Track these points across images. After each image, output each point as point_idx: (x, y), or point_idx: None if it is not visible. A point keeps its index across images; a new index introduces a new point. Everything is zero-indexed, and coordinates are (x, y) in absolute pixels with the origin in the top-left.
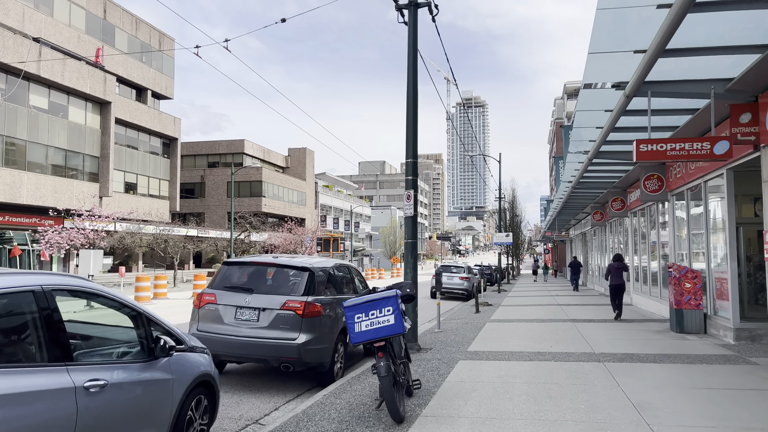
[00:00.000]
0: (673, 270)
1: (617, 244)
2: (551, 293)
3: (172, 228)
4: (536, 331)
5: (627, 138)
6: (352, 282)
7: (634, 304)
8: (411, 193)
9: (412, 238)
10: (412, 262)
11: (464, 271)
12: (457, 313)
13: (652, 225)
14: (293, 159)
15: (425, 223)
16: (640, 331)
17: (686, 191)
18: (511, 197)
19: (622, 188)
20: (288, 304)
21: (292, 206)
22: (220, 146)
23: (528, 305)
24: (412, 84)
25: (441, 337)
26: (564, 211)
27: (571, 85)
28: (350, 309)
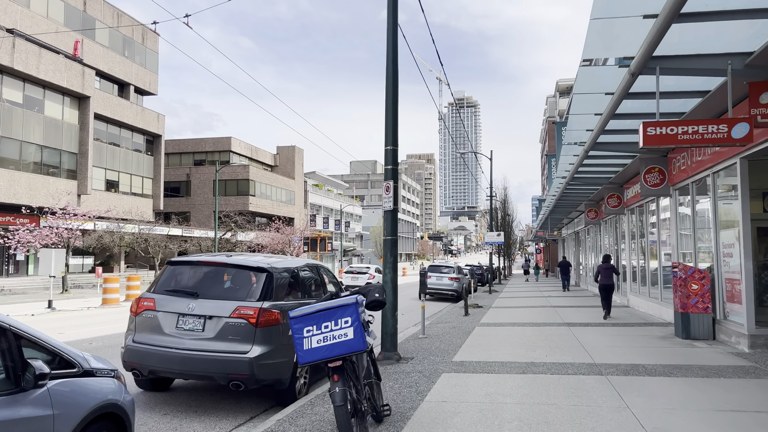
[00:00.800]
0: (679, 270)
1: (612, 243)
2: (543, 294)
3: (153, 227)
4: (529, 336)
5: (628, 126)
6: (322, 285)
7: (631, 306)
8: (390, 184)
9: (392, 234)
10: (391, 262)
11: (454, 272)
12: (445, 315)
13: (651, 222)
14: (282, 157)
15: (417, 223)
16: (642, 336)
17: (691, 185)
18: (503, 196)
19: (618, 184)
20: (239, 311)
21: (280, 205)
22: (207, 144)
23: (520, 307)
24: (392, 62)
25: (425, 344)
26: (557, 209)
27: (563, 82)
28: (298, 320)
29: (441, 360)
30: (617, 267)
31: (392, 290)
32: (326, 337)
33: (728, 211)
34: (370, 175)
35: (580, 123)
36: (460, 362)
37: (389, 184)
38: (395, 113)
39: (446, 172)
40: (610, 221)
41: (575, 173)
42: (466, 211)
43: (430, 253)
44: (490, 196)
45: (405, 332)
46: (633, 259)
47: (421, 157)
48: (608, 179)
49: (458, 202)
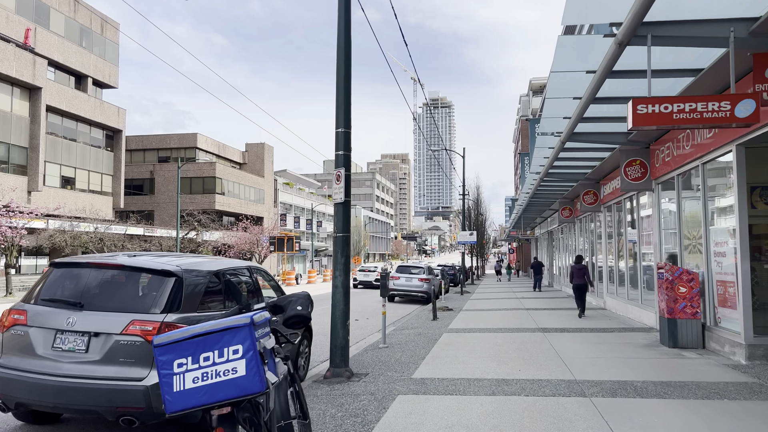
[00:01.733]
0: (665, 271)
1: (588, 242)
2: (516, 295)
3: (110, 226)
4: (501, 345)
5: (610, 113)
6: (256, 291)
7: (608, 308)
8: (342, 172)
9: (344, 230)
10: (342, 263)
11: (424, 272)
12: (413, 320)
13: (630, 220)
14: (251, 155)
15: (391, 223)
16: (625, 345)
17: (676, 177)
18: (476, 195)
19: (595, 180)
20: (134, 327)
21: (248, 204)
22: (172, 140)
23: (492, 309)
24: (344, 28)
25: (384, 356)
26: (530, 207)
27: (537, 81)
28: (165, 349)
29: (399, 377)
30: (591, 267)
31: (343, 296)
32: (206, 374)
33: (721, 205)
34: None
35: (557, 108)
36: (420, 380)
37: (340, 172)
38: (347, 89)
39: (421, 172)
40: (585, 219)
41: (550, 168)
42: (441, 211)
43: (404, 253)
44: (462, 195)
45: (366, 340)
46: (610, 259)
47: (395, 157)
48: (584, 175)
49: (433, 203)
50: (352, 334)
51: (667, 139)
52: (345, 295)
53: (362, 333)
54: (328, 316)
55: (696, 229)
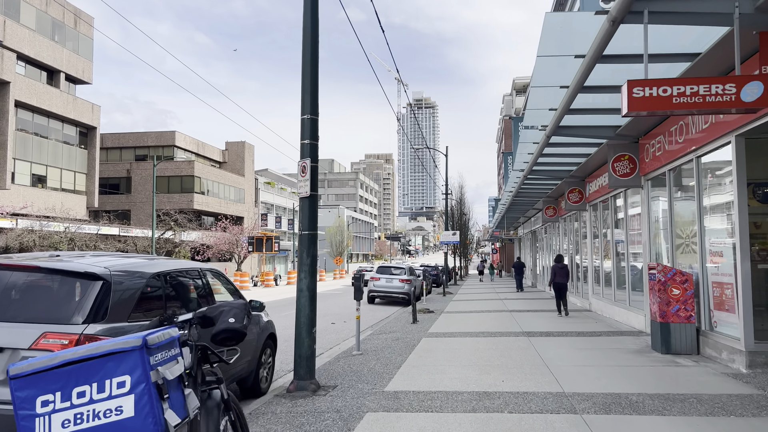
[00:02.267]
0: (657, 272)
1: (572, 242)
2: (499, 296)
3: (82, 225)
4: (483, 351)
5: (598, 104)
6: (208, 297)
7: (594, 310)
8: (307, 163)
9: (310, 228)
10: (308, 264)
11: (405, 273)
12: (392, 323)
13: (618, 219)
14: (231, 153)
15: (375, 223)
16: (615, 350)
17: (668, 173)
18: (459, 195)
19: (580, 178)
20: (45, 340)
21: (228, 203)
22: (149, 138)
23: (474, 312)
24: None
25: (357, 364)
26: (513, 207)
27: (520, 80)
28: (25, 382)
29: (370, 390)
30: (575, 267)
31: (309, 301)
32: (81, 416)
33: (718, 202)
34: (327, 174)
35: (543, 99)
36: (393, 393)
37: (306, 163)
38: (314, 69)
39: (405, 172)
40: (569, 219)
41: (534, 165)
42: (425, 211)
43: (387, 253)
44: (445, 194)
45: (340, 345)
46: (596, 260)
47: (379, 157)
48: (569, 172)
49: (417, 203)
50: (327, 339)
51: (658, 133)
52: (311, 299)
53: (337, 337)
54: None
55: (689, 227)
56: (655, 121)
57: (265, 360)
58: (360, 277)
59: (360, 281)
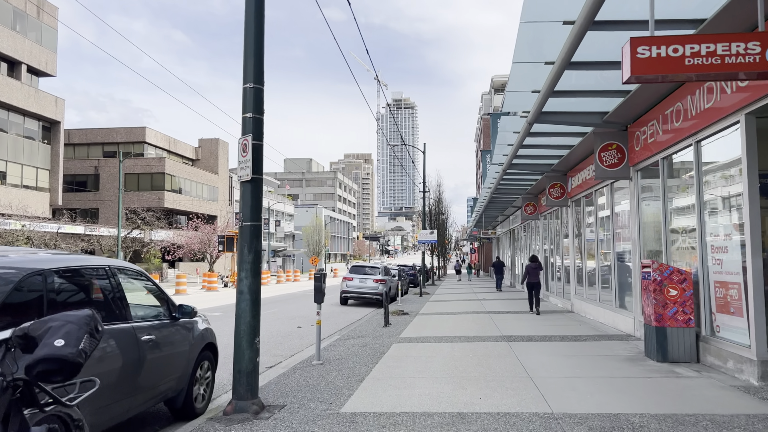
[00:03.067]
0: (653, 270)
1: (553, 240)
2: (477, 296)
3: (42, 223)
4: (459, 360)
5: (584, 86)
6: (119, 302)
7: (576, 311)
8: (249, 140)
9: (252, 218)
10: (250, 261)
11: (379, 273)
12: (362, 326)
13: (602, 214)
14: (204, 151)
15: (353, 223)
16: (605, 358)
17: (661, 162)
18: (437, 193)
19: (562, 172)
20: None
21: (201, 202)
22: (118, 134)
23: (451, 313)
24: None
25: (314, 377)
26: (492, 204)
27: (498, 79)
28: None
29: (324, 411)
30: (556, 267)
31: (251, 305)
32: None
33: (722, 193)
34: (305, 174)
35: (525, 78)
36: (350, 416)
37: (247, 140)
38: (259, 29)
39: (384, 173)
40: (550, 216)
41: (514, 157)
42: (404, 212)
43: (366, 253)
44: (423, 191)
45: (302, 353)
46: (578, 259)
47: (358, 157)
48: (550, 166)
49: (396, 203)
50: (290, 345)
51: (650, 119)
52: (253, 303)
53: (301, 343)
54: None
55: (686, 221)
56: (647, 104)
57: (201, 375)
58: (321, 277)
59: (321, 282)
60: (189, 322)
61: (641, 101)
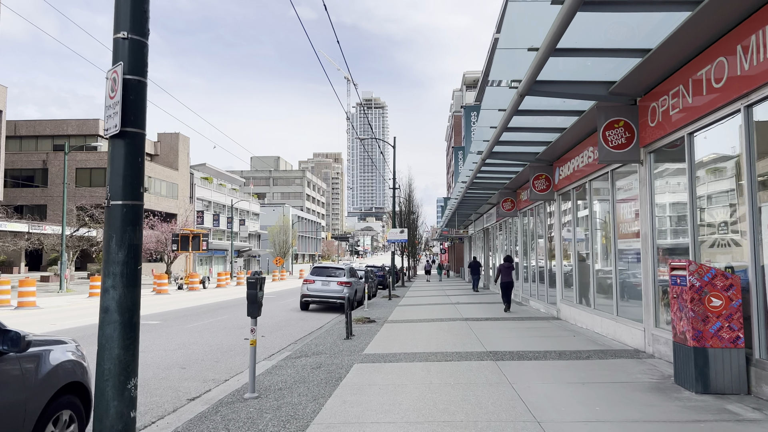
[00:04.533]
0: (689, 273)
1: (533, 238)
2: (451, 299)
3: None
4: (437, 391)
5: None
6: None
7: (564, 319)
8: (119, 73)
9: (128, 196)
10: (121, 262)
11: (344, 274)
12: (320, 339)
13: (597, 208)
14: (164, 146)
15: (322, 223)
16: (624, 386)
17: (687, 138)
18: (408, 191)
19: (547, 162)
20: None
21: (159, 199)
22: (69, 126)
23: (424, 321)
24: None
25: (239, 422)
26: (466, 201)
27: (471, 75)
28: None
29: None
30: (532, 268)
31: (122, 330)
32: None
33: None
34: (272, 172)
35: (522, 29)
36: None
37: (117, 72)
38: None
39: (354, 173)
40: (532, 211)
41: (496, 142)
42: (374, 212)
43: (335, 253)
44: (393, 188)
45: (237, 378)
46: (565, 259)
47: (328, 156)
48: (535, 155)
49: (366, 203)
50: (230, 364)
51: (672, 86)
52: (126, 327)
53: (243, 362)
54: (212, 334)
55: (726, 210)
56: (671, 65)
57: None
58: (256, 282)
59: (257, 289)
60: (30, 356)
61: (664, 61)
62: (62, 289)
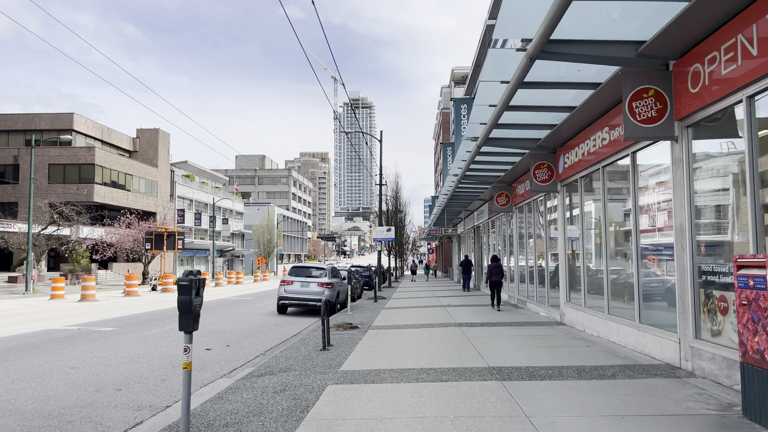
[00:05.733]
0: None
1: (531, 235)
2: (440, 300)
3: None
4: (429, 423)
5: None
6: None
7: (570, 324)
8: None
9: None
10: None
11: (325, 275)
12: (292, 349)
13: (614, 197)
14: (143, 142)
15: (309, 223)
16: (678, 422)
17: (747, 102)
18: (395, 188)
19: (550, 149)
20: None
21: (138, 197)
22: (42, 120)
23: (412, 327)
24: None
25: None
26: (457, 196)
27: (459, 71)
28: None
29: None
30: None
31: None
32: None
33: None
34: (258, 171)
35: None
36: None
37: None
38: None
39: (342, 173)
40: (529, 207)
41: (495, 126)
42: (361, 212)
43: (322, 253)
44: (380, 184)
45: (176, 407)
46: (572, 257)
47: (315, 156)
48: (537, 141)
49: (354, 203)
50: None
51: (723, 39)
52: None
53: (201, 379)
54: (170, 343)
55: None
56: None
57: None
58: (189, 286)
59: (190, 294)
60: None
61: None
62: (28, 290)
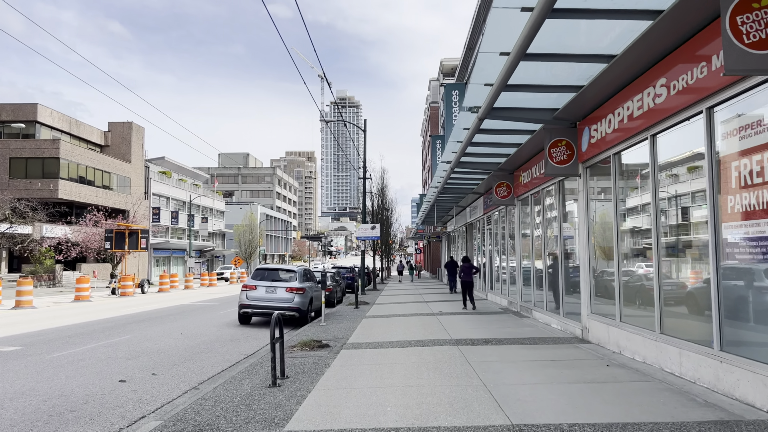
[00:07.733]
0: None
1: (544, 230)
2: (431, 307)
3: None
4: None
5: None
6: None
7: (597, 342)
8: None
9: None
10: None
11: (296, 279)
12: (235, 382)
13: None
14: (115, 136)
15: (294, 223)
16: None
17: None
18: (381, 183)
19: (570, 122)
20: None
21: (108, 194)
22: (4, 111)
23: (398, 345)
24: None
25: None
26: (450, 187)
27: (448, 62)
28: None
29: None
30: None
31: None
32: None
33: None
34: (242, 169)
35: None
36: None
37: None
38: None
39: (329, 172)
40: (535, 197)
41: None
42: (348, 212)
43: (307, 254)
44: (363, 177)
45: None
46: (602, 256)
47: (301, 155)
48: (553, 112)
49: (340, 203)
50: None
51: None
52: None
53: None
54: (85, 368)
55: None
56: None
57: None
58: None
59: None
60: None
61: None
62: None
